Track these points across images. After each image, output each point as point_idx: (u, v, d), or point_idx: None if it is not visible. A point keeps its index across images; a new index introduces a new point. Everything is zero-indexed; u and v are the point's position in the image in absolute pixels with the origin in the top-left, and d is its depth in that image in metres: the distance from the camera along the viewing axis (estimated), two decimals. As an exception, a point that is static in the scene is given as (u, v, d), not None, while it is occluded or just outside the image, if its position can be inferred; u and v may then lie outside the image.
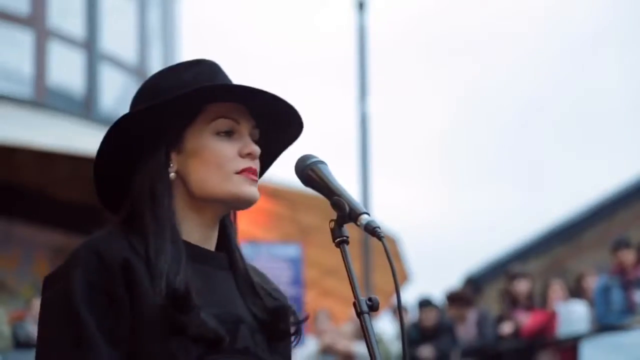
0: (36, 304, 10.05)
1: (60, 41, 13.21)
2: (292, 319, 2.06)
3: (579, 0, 40.41)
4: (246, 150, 2.00)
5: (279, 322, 2.01)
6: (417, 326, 10.23)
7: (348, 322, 11.19)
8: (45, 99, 12.88)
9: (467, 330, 10.05)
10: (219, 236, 2.07)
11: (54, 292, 1.89)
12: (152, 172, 1.98)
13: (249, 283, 2.04)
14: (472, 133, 38.96)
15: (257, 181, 2.02)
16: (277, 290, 2.12)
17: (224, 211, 2.05)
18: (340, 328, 11.13)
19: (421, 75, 40.41)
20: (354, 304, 1.89)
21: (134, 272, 1.88)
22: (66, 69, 13.47)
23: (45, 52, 12.97)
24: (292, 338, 2.08)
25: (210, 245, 2.04)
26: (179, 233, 1.97)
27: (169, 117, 1.99)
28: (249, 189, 2.00)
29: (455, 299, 10.25)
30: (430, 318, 10.25)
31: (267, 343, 1.99)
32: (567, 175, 34.41)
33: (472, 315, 10.08)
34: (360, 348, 10.27)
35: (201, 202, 2.00)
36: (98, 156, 2.02)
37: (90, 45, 13.46)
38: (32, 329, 9.74)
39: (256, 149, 2.02)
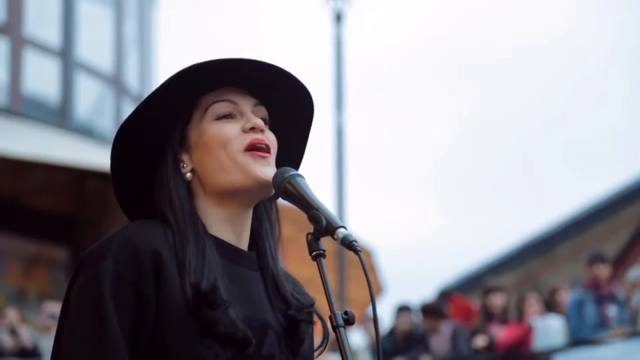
0: (10, 313, 9.99)
1: (35, 49, 13.15)
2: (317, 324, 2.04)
3: (586, 25, 40.71)
4: (248, 125, 1.98)
5: (300, 329, 1.99)
6: (390, 337, 10.24)
7: (320, 334, 11.17)
8: (20, 107, 12.82)
9: (440, 343, 10.06)
10: (251, 236, 2.05)
11: (85, 278, 1.86)
12: (164, 179, 1.98)
13: (277, 286, 2.01)
14: (461, 151, 39.11)
15: (267, 157, 1.98)
16: (305, 295, 2.09)
17: (244, 202, 2.00)
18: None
19: (411, 93, 40.56)
20: (330, 318, 1.88)
21: (164, 267, 1.86)
22: (41, 78, 13.41)
23: (20, 60, 12.92)
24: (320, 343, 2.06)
25: (242, 244, 2.01)
26: (206, 230, 1.95)
27: (164, 119, 1.98)
28: (261, 169, 1.96)
29: (429, 310, 10.26)
30: (406, 322, 10.30)
31: (291, 350, 1.97)
32: (551, 191, 34.62)
33: (446, 328, 10.08)
34: (333, 360, 10.26)
35: (219, 196, 1.98)
36: (112, 171, 2.01)
37: (66, 54, 13.41)
38: (5, 338, 9.67)
39: (258, 122, 1.98)
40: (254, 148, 1.97)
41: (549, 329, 9.47)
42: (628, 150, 31.19)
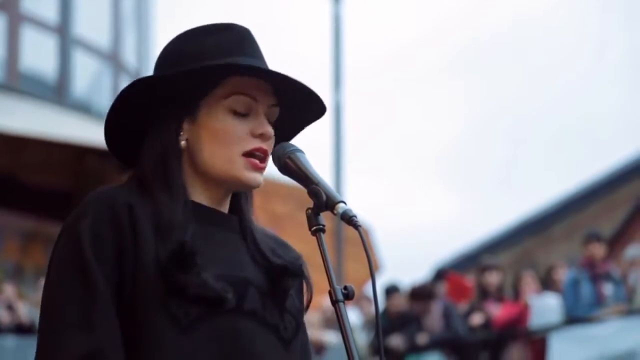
0: (7, 289, 10.01)
1: (33, 25, 13.12)
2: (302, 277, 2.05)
3: (583, 20, 40.65)
4: (259, 131, 1.98)
5: (282, 284, 1.98)
6: (385, 315, 10.26)
7: (316, 311, 11.21)
8: (17, 83, 12.79)
9: (432, 322, 10.07)
10: (230, 202, 2.06)
11: (66, 239, 1.89)
12: (163, 137, 1.97)
13: (257, 245, 2.02)
14: (461, 134, 39.12)
15: (263, 166, 1.99)
16: (288, 250, 2.11)
17: (228, 190, 2.03)
18: (307, 317, 11.11)
19: (411, 77, 40.51)
20: (330, 292, 1.89)
21: (138, 223, 1.88)
22: (39, 54, 13.38)
23: (18, 37, 12.88)
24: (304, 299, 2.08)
25: (222, 209, 2.03)
26: (188, 194, 1.97)
27: (185, 86, 1.97)
28: (252, 175, 1.97)
29: (417, 294, 10.24)
30: (398, 304, 10.31)
31: (277, 306, 1.97)
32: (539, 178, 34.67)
33: (436, 308, 10.09)
34: (329, 337, 10.28)
35: (205, 177, 1.99)
36: (111, 113, 2.00)
37: (63, 30, 13.38)
38: (2, 314, 9.69)
39: (269, 131, 1.99)
40: (253, 156, 1.97)
41: (545, 307, 9.49)
42: (624, 130, 31.20)
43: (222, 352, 1.87)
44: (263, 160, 1.99)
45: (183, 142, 1.98)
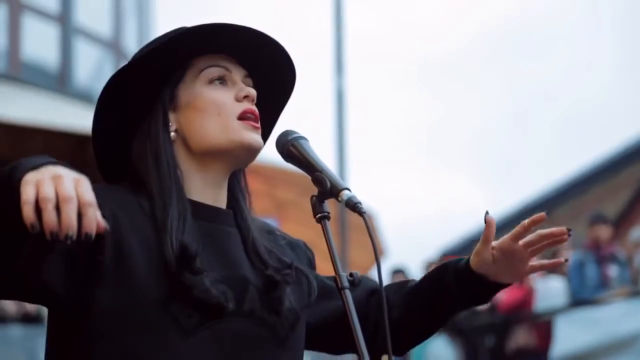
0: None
1: (34, 15, 13.10)
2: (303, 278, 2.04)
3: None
4: (242, 93, 1.99)
5: (278, 289, 1.97)
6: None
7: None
8: (19, 72, 12.78)
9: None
10: (227, 198, 2.05)
11: None
12: (153, 134, 1.97)
13: (254, 245, 2.00)
14: (459, 117, 39.11)
15: (259, 128, 1.99)
16: (284, 247, 2.09)
17: (228, 165, 2.01)
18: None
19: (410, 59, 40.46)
20: (335, 279, 1.88)
21: (122, 228, 1.84)
22: (40, 43, 13.37)
23: (19, 26, 12.87)
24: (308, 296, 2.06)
25: (220, 205, 2.01)
26: (184, 193, 1.94)
27: (157, 76, 1.97)
28: (251, 135, 1.97)
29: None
30: (401, 285, 10.38)
31: (275, 304, 1.95)
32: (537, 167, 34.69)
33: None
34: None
35: (203, 158, 1.97)
36: (94, 129, 2.00)
37: (64, 19, 13.36)
38: (8, 303, 9.71)
39: (252, 92, 2.00)
40: (247, 118, 1.97)
41: (550, 291, 9.49)
42: (628, 112, 31.17)
43: (222, 356, 1.86)
44: (256, 121, 1.99)
45: (173, 134, 1.98)
